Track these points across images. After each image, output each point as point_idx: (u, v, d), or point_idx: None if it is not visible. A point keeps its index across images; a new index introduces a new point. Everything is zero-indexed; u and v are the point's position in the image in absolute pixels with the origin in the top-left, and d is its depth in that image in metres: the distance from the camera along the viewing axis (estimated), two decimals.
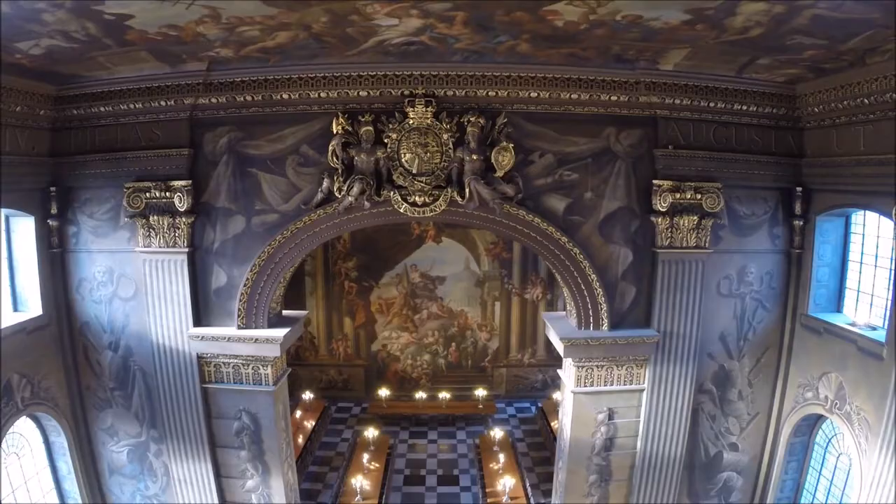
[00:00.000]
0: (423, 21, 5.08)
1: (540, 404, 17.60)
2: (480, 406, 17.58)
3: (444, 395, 17.70)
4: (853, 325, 7.89)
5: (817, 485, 9.10)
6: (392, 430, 16.64)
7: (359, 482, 12.59)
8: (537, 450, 15.81)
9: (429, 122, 7.07)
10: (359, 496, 12.46)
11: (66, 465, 9.06)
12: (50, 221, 8.28)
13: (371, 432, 14.78)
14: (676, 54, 6.23)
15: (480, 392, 17.72)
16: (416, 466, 15.29)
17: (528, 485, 13.29)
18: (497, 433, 15.04)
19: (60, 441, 8.93)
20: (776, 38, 5.63)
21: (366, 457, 13.92)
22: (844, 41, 5.69)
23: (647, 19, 5.00)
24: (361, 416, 17.52)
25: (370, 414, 17.18)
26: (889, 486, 6.81)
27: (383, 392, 17.68)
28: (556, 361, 9.24)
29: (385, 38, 5.65)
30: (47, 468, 9.04)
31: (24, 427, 8.59)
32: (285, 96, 7.14)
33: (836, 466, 8.60)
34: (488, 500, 12.75)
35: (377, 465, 13.91)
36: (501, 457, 13.95)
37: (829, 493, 8.73)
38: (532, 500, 12.74)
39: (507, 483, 12.50)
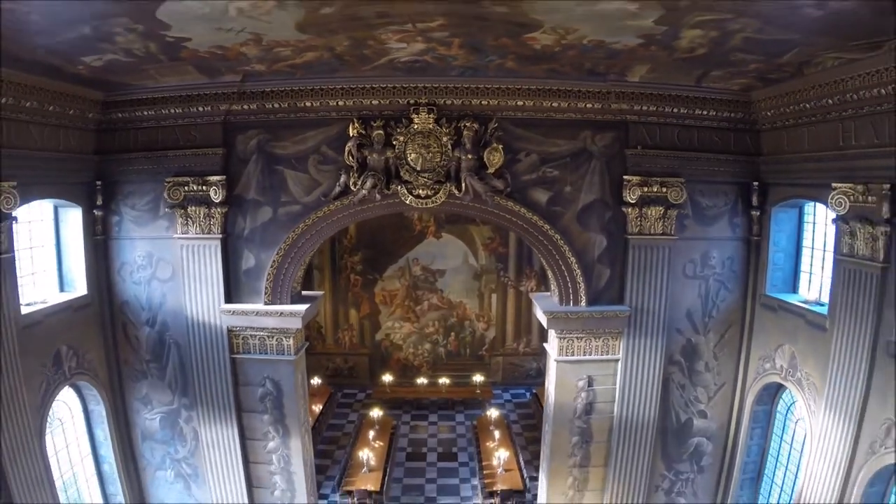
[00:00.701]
0: (426, 45, 6.22)
1: (534, 390, 18.72)
2: (478, 391, 18.73)
3: (443, 380, 18.85)
4: (805, 302, 9.02)
5: (779, 450, 10.17)
6: (395, 414, 17.77)
7: (365, 455, 13.74)
8: (531, 430, 16.96)
9: (431, 126, 8.26)
10: (365, 468, 13.61)
11: (102, 432, 10.09)
12: (95, 212, 9.40)
13: (376, 413, 15.91)
14: (640, 68, 7.37)
15: (478, 378, 18.87)
16: (417, 445, 16.44)
17: (521, 458, 14.42)
18: (493, 413, 16.19)
19: (99, 409, 9.97)
20: (720, 56, 6.76)
21: (371, 434, 15.05)
22: (779, 56, 6.81)
23: (609, 42, 6.13)
24: (366, 401, 18.67)
25: (374, 399, 18.32)
26: (833, 440, 7.88)
27: (387, 378, 18.84)
28: None
29: (395, 57, 6.80)
30: (85, 435, 10.06)
31: (67, 396, 9.62)
32: (308, 104, 8.32)
33: (794, 432, 9.69)
34: (484, 472, 13.90)
35: (381, 443, 15.03)
36: (497, 434, 15.09)
37: (789, 457, 9.78)
38: (525, 473, 13.87)
39: (501, 456, 13.64)
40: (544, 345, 10.11)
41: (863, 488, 7.37)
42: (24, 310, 8.23)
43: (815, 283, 9.35)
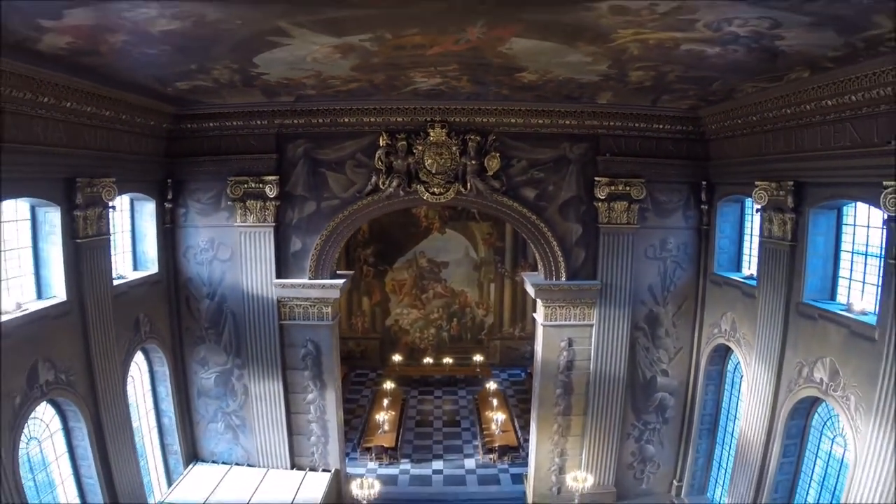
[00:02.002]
0: (442, 79, 8.37)
1: (529, 370, 20.75)
2: (478, 370, 20.90)
3: (447, 360, 21.02)
4: (744, 278, 11.17)
5: (729, 403, 12.27)
6: (404, 389, 19.93)
7: (381, 417, 15.90)
8: (525, 403, 19.12)
9: (443, 138, 10.50)
10: (381, 429, 15.76)
11: (164, 389, 12.11)
12: (166, 204, 11.52)
13: (388, 385, 18.06)
14: (605, 94, 9.52)
15: (478, 358, 21.03)
16: (425, 415, 18.61)
17: (515, 422, 16.60)
18: (492, 386, 18.36)
19: (163, 370, 11.99)
20: (664, 87, 8.92)
21: (385, 402, 17.20)
22: (709, 86, 8.95)
23: (577, 78, 8.27)
24: (378, 380, 20.82)
25: (385, 376, 20.46)
26: (761, 384, 9.91)
27: (396, 358, 20.98)
28: None
29: (417, 87, 8.96)
30: (150, 392, 12.09)
31: (138, 358, 11.67)
32: (346, 120, 10.52)
33: (741, 389, 11.77)
34: (484, 434, 16.07)
35: (393, 412, 17.19)
36: (495, 401, 17.27)
37: (736, 410, 11.77)
38: (519, 434, 16.04)
39: (498, 418, 15.82)
40: (534, 315, 12.29)
41: (784, 420, 9.48)
42: (115, 282, 10.34)
43: (754, 262, 11.54)
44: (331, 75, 8.33)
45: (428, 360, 21.37)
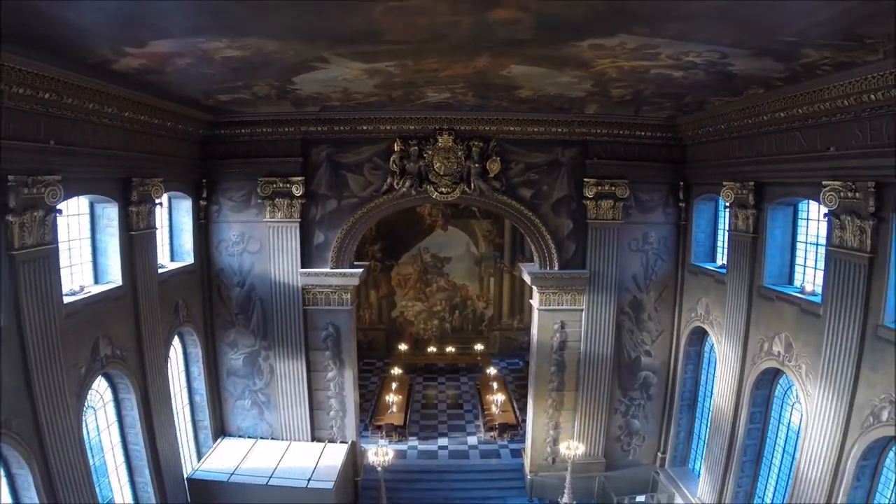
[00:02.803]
0: (450, 94, 9.74)
1: (526, 359, 22.08)
2: (479, 358, 22.27)
3: (450, 349, 22.39)
4: (717, 267, 12.57)
5: (706, 381, 13.65)
6: (410, 377, 21.26)
7: (391, 398, 17.25)
8: (522, 388, 20.46)
9: (450, 144, 11.89)
10: (391, 409, 17.12)
11: (197, 368, 13.45)
12: (200, 202, 12.86)
13: (396, 370, 19.42)
14: (592, 106, 10.90)
15: (479, 347, 22.41)
16: (430, 399, 20.01)
17: (514, 403, 17.97)
18: (492, 371, 19.74)
19: (196, 351, 13.32)
20: (642, 100, 10.30)
21: (393, 385, 18.56)
22: (681, 99, 10.34)
23: (567, 94, 9.65)
24: (385, 368, 22.16)
25: (392, 363, 21.82)
26: (729, 358, 11.31)
27: (402, 347, 22.34)
28: None
29: (428, 100, 10.33)
30: (184, 371, 13.41)
31: (173, 340, 13.01)
32: (365, 127, 11.89)
33: (715, 368, 13.13)
34: (485, 414, 17.44)
35: (401, 396, 18.53)
36: (494, 385, 18.66)
37: (712, 387, 13.08)
38: (518, 414, 17.41)
39: (498, 399, 17.20)
40: (530, 301, 13.68)
41: (750, 390, 10.84)
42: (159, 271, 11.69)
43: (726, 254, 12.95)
44: (355, 91, 9.69)
45: (432, 349, 22.75)
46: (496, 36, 6.18)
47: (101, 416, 10.31)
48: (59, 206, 8.30)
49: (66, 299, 8.88)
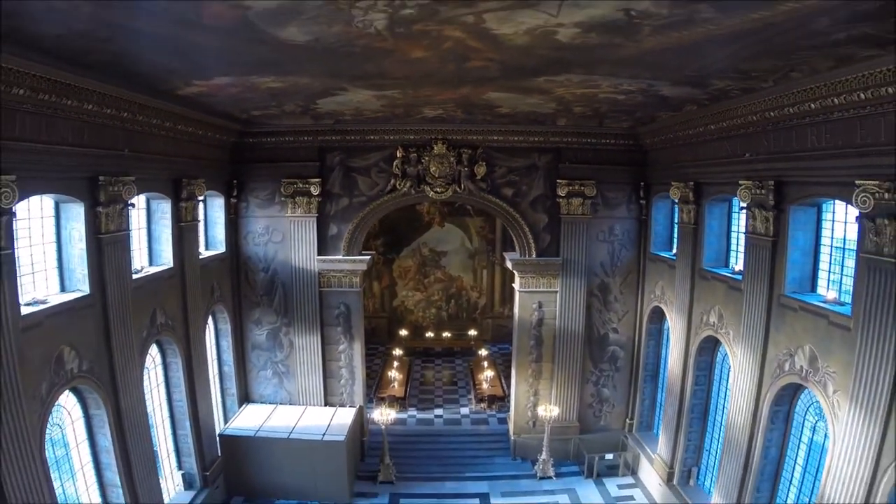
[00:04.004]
0: (443, 110, 11.93)
1: None
2: (472, 343, 24.47)
3: (446, 334, 24.60)
4: (672, 255, 14.75)
5: (665, 354, 15.74)
6: (409, 359, 23.44)
7: (393, 374, 19.47)
8: (511, 368, 22.48)
9: (444, 151, 14.12)
10: (393, 383, 19.33)
11: (226, 342, 15.63)
12: (231, 199, 15.08)
13: (397, 351, 21.63)
14: (563, 119, 13.10)
15: (473, 332, 24.61)
16: (427, 378, 22.24)
17: (502, 379, 20.16)
18: (483, 352, 21.94)
19: (226, 328, 15.52)
20: (602, 115, 12.47)
21: (395, 364, 20.77)
22: (634, 114, 12.55)
23: (539, 111, 11.85)
24: (387, 352, 24.34)
25: (394, 346, 24.02)
26: (679, 331, 13.50)
27: (403, 332, 24.54)
28: None
29: (425, 115, 12.53)
30: (215, 345, 15.60)
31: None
32: (372, 137, 14.11)
33: (669, 342, 15.30)
34: (476, 389, 19.63)
35: (402, 374, 20.73)
36: (485, 364, 20.88)
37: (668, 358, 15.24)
38: (505, 388, 19.60)
39: (488, 374, 19.42)
40: (513, 285, 15.91)
41: (695, 353, 13.03)
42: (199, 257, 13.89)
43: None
44: (365, 108, 11.89)
45: (430, 334, 24.96)
46: (473, 75, 8.37)
47: (152, 376, 12.51)
48: (131, 201, 10.52)
49: (134, 276, 11.10)
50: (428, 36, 6.34)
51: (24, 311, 8.15)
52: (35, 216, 9.19)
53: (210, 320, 15.17)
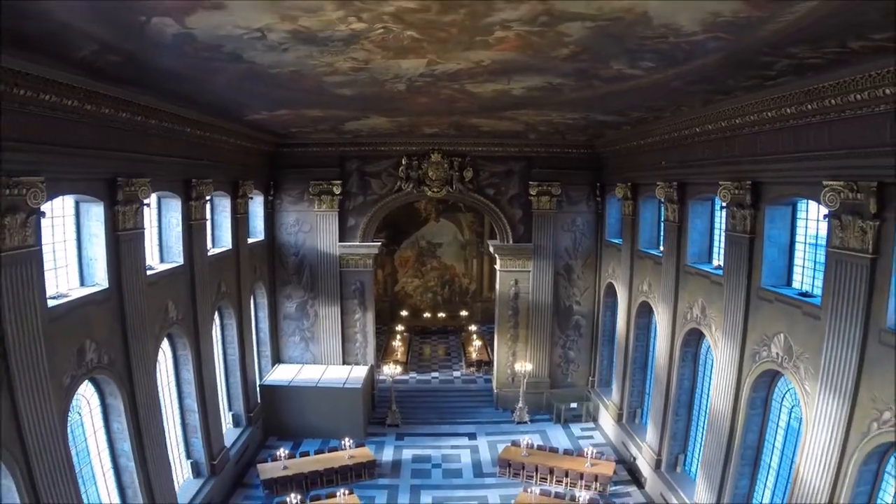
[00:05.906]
0: (438, 129, 15.65)
1: None
2: (463, 322, 28.17)
3: (441, 315, 28.30)
4: (620, 242, 18.54)
5: (615, 321, 19.46)
6: (409, 335, 27.12)
7: (396, 343, 23.19)
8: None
9: (439, 159, 17.91)
10: (397, 352, 23.05)
11: (263, 313, 19.24)
12: (269, 197, 18.78)
13: (399, 327, 25.33)
14: (533, 134, 16.84)
15: (464, 313, 28.34)
16: (425, 353, 25.90)
17: (488, 348, 23.93)
18: (473, 328, 25.69)
19: (262, 301, 19.16)
20: (562, 132, 16.24)
21: (398, 336, 24.49)
22: (585, 132, 16.31)
23: (512, 128, 15.56)
24: (388, 331, 27.99)
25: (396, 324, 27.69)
26: (624, 302, 17.44)
27: (403, 313, 28.23)
28: None
29: (424, 132, 16.28)
30: (254, 317, 19.29)
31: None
32: (382, 148, 17.87)
33: (617, 313, 19.00)
34: (466, 356, 23.35)
35: (403, 346, 24.43)
36: (474, 336, 24.64)
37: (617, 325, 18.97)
38: (490, 356, 23.34)
39: (476, 344, 23.18)
40: (495, 266, 19.70)
41: (634, 317, 16.88)
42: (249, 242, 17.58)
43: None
44: (379, 127, 15.63)
45: (427, 315, 28.65)
46: (460, 110, 12.13)
47: (216, 333, 16.12)
48: (207, 197, 14.18)
49: (209, 253, 14.77)
50: (430, 93, 10.07)
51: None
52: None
53: (252, 297, 18.84)
